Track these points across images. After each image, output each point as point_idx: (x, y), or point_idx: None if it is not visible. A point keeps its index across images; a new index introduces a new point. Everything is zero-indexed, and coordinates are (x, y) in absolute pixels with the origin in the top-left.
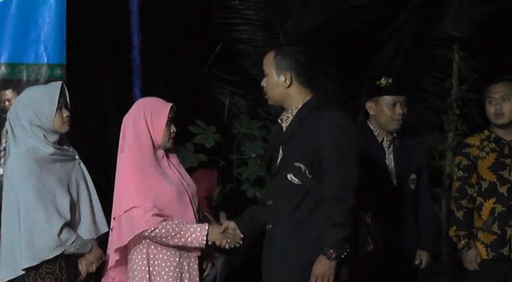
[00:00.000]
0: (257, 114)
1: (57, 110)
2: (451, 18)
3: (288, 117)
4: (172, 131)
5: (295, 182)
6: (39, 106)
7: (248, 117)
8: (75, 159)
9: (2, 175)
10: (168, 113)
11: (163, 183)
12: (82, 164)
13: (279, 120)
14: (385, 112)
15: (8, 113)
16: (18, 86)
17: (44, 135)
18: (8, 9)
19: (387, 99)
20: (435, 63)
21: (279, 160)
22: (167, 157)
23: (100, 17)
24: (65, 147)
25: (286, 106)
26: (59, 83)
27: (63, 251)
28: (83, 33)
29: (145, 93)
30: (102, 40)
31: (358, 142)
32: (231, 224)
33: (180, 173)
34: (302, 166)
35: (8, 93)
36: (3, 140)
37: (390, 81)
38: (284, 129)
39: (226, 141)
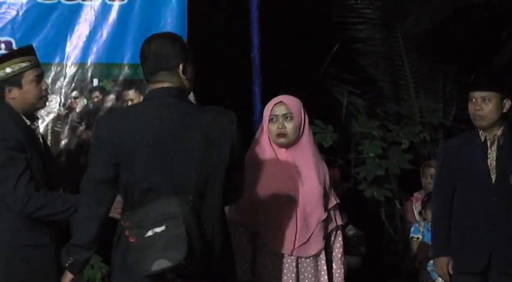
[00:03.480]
0: (375, 113)
1: None
2: None
3: None
4: (277, 127)
5: None
6: None
7: (366, 117)
8: None
9: None
10: (270, 109)
11: (268, 180)
12: None
13: None
14: (469, 109)
15: None
16: (140, 86)
17: None
18: (131, 11)
19: (469, 95)
20: None
21: None
22: (292, 157)
23: (220, 18)
24: None
25: None
26: None
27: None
28: (203, 33)
29: (265, 92)
30: (222, 40)
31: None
32: None
33: (300, 174)
34: None
35: (131, 93)
36: None
37: (472, 77)
38: None
39: (344, 140)
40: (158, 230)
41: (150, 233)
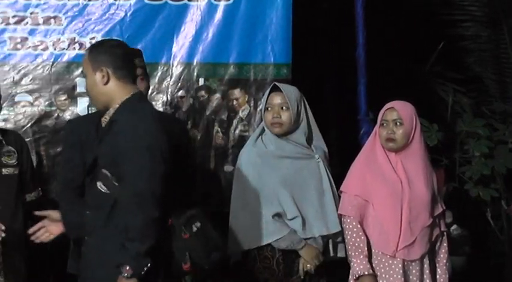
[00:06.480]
0: (481, 112)
1: (265, 110)
2: None
3: (105, 118)
4: (387, 132)
5: (104, 191)
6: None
7: (471, 115)
8: (312, 158)
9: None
10: (382, 114)
11: (377, 182)
12: (321, 163)
13: (102, 123)
14: None
15: None
16: (245, 86)
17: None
18: (237, 11)
19: None
20: None
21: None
22: (402, 161)
23: (324, 17)
24: (301, 146)
25: (110, 107)
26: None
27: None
28: (307, 32)
29: (370, 91)
30: (326, 39)
31: (161, 149)
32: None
33: (409, 178)
34: (108, 173)
35: (236, 92)
36: (231, 138)
37: None
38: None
39: (449, 139)
40: (198, 225)
41: (194, 228)
